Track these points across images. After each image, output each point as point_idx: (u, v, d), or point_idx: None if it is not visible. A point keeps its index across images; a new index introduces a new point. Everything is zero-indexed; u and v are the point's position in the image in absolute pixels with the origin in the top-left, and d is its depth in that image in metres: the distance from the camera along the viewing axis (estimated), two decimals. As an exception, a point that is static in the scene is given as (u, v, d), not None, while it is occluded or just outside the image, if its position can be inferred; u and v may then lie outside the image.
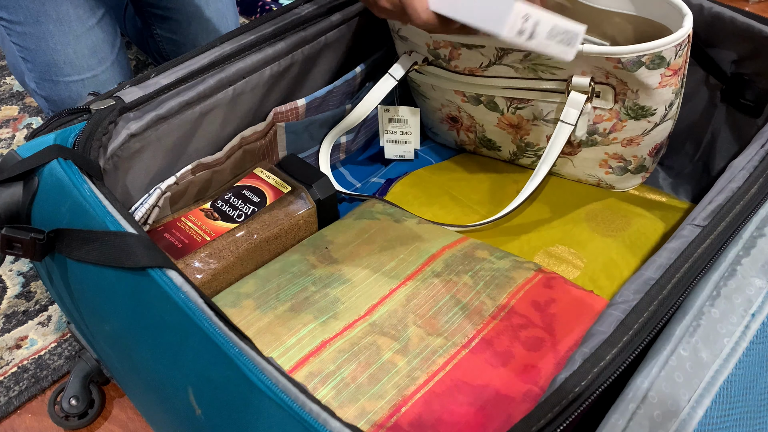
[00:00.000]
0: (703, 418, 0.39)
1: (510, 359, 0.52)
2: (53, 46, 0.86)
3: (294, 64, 0.69)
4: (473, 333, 0.54)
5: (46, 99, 0.91)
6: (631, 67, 0.61)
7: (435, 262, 0.61)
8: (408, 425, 0.47)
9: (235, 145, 0.67)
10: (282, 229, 0.64)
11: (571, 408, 0.39)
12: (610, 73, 0.63)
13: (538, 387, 0.50)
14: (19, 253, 0.48)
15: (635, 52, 0.60)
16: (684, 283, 0.46)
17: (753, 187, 0.53)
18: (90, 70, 0.88)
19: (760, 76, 0.71)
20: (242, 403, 0.40)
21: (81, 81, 0.88)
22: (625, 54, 0.60)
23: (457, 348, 0.53)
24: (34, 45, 0.86)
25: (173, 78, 0.60)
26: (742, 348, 0.43)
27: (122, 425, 0.67)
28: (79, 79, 0.88)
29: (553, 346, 0.53)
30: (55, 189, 0.50)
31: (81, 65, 0.87)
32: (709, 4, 0.71)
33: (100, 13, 0.89)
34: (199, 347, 0.41)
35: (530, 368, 0.51)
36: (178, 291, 0.42)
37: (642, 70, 0.61)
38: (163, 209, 0.63)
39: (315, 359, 0.52)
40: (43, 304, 0.77)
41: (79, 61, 0.87)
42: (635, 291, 0.46)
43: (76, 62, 0.87)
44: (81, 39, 0.87)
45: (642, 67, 0.61)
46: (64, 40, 0.86)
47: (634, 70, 0.61)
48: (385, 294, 0.58)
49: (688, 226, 0.51)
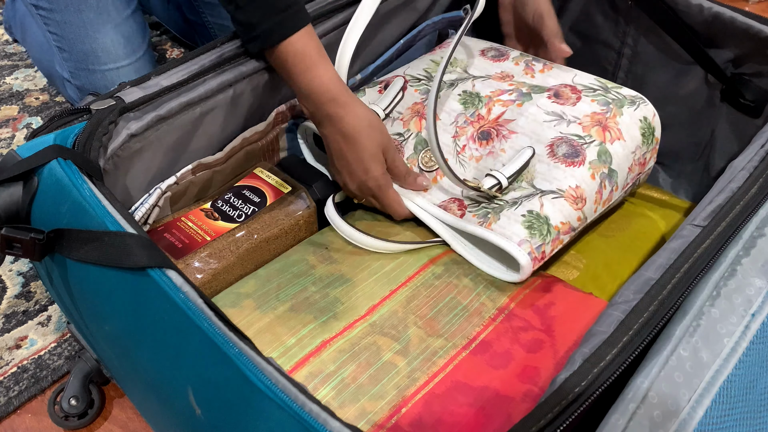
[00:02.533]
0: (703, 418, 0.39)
1: (510, 360, 0.52)
2: (93, 35, 0.88)
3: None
4: (473, 335, 0.54)
5: (80, 88, 0.93)
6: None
7: (435, 265, 0.61)
8: (408, 426, 0.47)
9: (237, 146, 0.67)
10: (282, 229, 0.64)
11: (571, 408, 0.39)
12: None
13: (538, 387, 0.50)
14: (18, 253, 0.48)
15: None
16: (684, 283, 0.46)
17: (753, 187, 0.53)
18: (125, 58, 0.91)
19: (760, 76, 0.71)
20: (242, 404, 0.40)
21: (116, 70, 0.91)
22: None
23: (457, 349, 0.53)
24: (73, 34, 0.88)
25: (174, 79, 0.60)
26: (742, 348, 0.43)
27: (122, 425, 0.67)
28: (115, 67, 0.91)
29: (552, 348, 0.53)
30: (55, 189, 0.50)
31: (117, 54, 0.90)
32: (709, 4, 0.71)
33: (134, 4, 0.92)
34: (198, 347, 0.41)
35: (530, 369, 0.51)
36: (178, 291, 0.42)
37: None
38: (163, 209, 0.63)
39: (315, 359, 0.52)
40: (43, 304, 0.77)
41: (116, 50, 0.90)
42: (635, 291, 0.46)
43: (113, 51, 0.90)
44: (118, 28, 0.89)
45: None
46: (103, 29, 0.88)
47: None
48: (385, 295, 0.58)
49: (688, 226, 0.51)
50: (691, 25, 0.73)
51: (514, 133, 0.66)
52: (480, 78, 0.72)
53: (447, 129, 0.69)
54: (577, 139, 0.64)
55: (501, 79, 0.72)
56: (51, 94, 1.08)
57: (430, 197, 0.66)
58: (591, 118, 0.65)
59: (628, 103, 0.67)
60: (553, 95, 0.68)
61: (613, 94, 0.68)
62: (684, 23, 0.73)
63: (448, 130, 0.69)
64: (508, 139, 0.66)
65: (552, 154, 0.63)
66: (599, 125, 0.65)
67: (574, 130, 0.65)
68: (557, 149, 0.63)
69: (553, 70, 0.72)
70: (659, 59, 0.78)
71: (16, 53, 1.17)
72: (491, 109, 0.69)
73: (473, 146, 0.67)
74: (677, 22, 0.73)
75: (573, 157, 0.62)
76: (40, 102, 1.07)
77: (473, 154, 0.67)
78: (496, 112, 0.68)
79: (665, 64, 0.77)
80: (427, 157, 0.68)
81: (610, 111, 0.66)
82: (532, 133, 0.65)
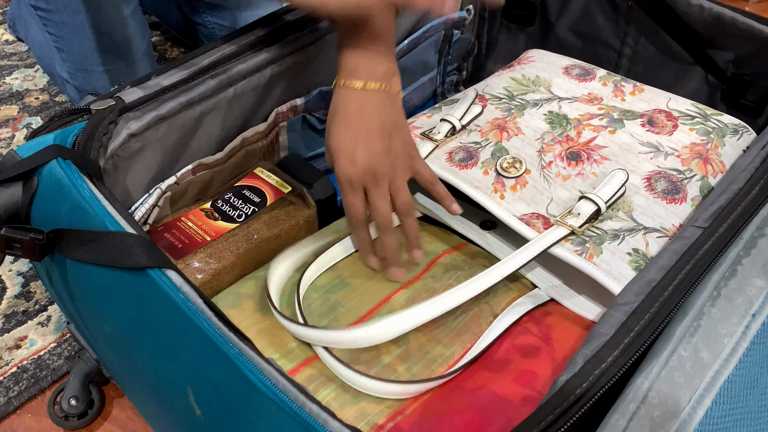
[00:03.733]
0: (703, 419, 0.39)
1: (507, 365, 0.52)
2: (91, 35, 0.88)
3: (295, 64, 0.69)
4: (472, 341, 0.54)
5: (78, 89, 0.93)
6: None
7: (435, 267, 0.61)
8: (409, 427, 0.47)
9: (237, 145, 0.66)
10: (282, 230, 0.64)
11: (572, 410, 0.39)
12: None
13: (536, 392, 0.50)
14: (18, 254, 0.48)
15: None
16: (686, 284, 0.46)
17: (754, 188, 0.53)
18: (124, 59, 0.91)
19: (761, 77, 0.71)
20: (242, 404, 0.40)
21: (115, 70, 0.91)
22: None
23: (455, 358, 0.53)
24: (71, 34, 0.88)
25: (174, 79, 0.60)
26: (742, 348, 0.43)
27: (122, 425, 0.67)
28: (114, 68, 0.90)
29: (550, 355, 0.53)
30: (55, 189, 0.50)
31: (116, 54, 0.90)
32: (709, 5, 0.71)
33: (134, 4, 0.92)
34: (198, 347, 0.41)
35: (528, 374, 0.51)
36: (178, 291, 0.42)
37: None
38: (163, 209, 0.63)
39: (317, 362, 0.52)
40: (42, 304, 0.77)
41: (115, 51, 0.90)
42: (637, 293, 0.46)
43: (112, 51, 0.89)
44: (117, 28, 0.89)
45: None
46: (101, 29, 0.88)
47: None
48: (385, 297, 0.58)
49: (690, 227, 0.51)
50: (692, 26, 0.73)
51: (606, 159, 0.62)
52: (566, 99, 0.69)
53: (532, 143, 0.65)
54: (676, 174, 0.60)
55: (589, 102, 0.69)
56: (51, 94, 1.08)
57: (508, 206, 0.60)
58: (690, 150, 0.62)
59: (730, 133, 0.64)
60: (646, 122, 0.65)
61: (713, 122, 0.65)
62: (684, 23, 0.73)
63: (533, 144, 0.64)
64: (600, 164, 0.61)
65: (650, 188, 0.59)
66: (700, 158, 0.61)
67: (672, 163, 0.61)
68: (655, 184, 0.59)
69: (645, 93, 0.69)
70: (660, 59, 0.78)
71: (16, 53, 1.17)
72: (581, 132, 0.65)
73: (561, 164, 0.62)
74: (678, 22, 0.73)
75: (673, 194, 0.58)
76: (40, 102, 1.07)
77: (560, 172, 0.62)
78: (587, 136, 0.64)
79: (666, 65, 0.77)
80: (507, 163, 0.63)
81: (711, 142, 0.62)
82: (626, 163, 0.61)
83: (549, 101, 0.69)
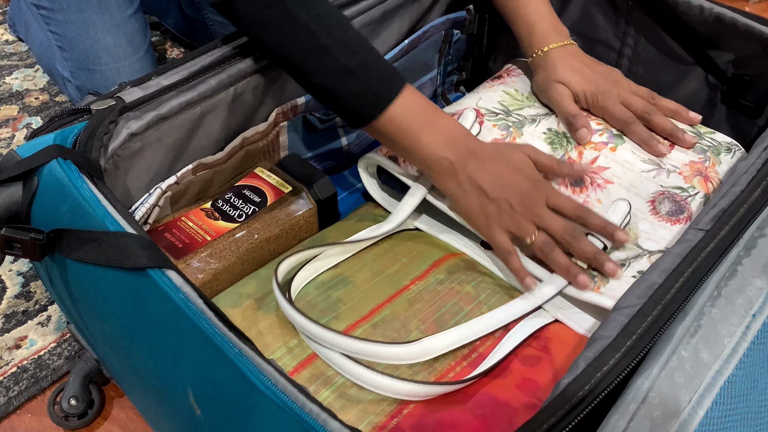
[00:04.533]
0: (703, 419, 0.39)
1: (508, 372, 0.52)
2: (94, 35, 0.88)
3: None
4: (473, 346, 0.54)
5: (80, 88, 0.93)
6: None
7: (438, 269, 0.61)
8: (409, 428, 0.47)
9: (237, 145, 0.66)
10: (283, 229, 0.64)
11: (574, 412, 0.39)
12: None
13: (537, 399, 0.50)
14: (18, 254, 0.48)
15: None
16: (687, 287, 0.46)
17: (756, 190, 0.53)
18: (126, 58, 0.91)
19: (761, 77, 0.70)
20: (242, 404, 0.40)
21: (117, 69, 0.91)
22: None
23: (456, 359, 0.53)
24: (74, 33, 0.88)
25: (174, 78, 0.60)
26: (742, 349, 0.43)
27: (122, 425, 0.67)
28: (115, 67, 0.90)
29: (550, 365, 0.53)
30: (55, 189, 0.50)
31: (118, 54, 0.90)
32: (709, 5, 0.71)
33: (136, 4, 0.92)
34: (198, 348, 0.41)
35: (528, 382, 0.51)
36: (178, 291, 0.42)
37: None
38: (163, 209, 0.63)
39: (317, 361, 0.52)
40: (42, 304, 0.77)
41: (117, 50, 0.90)
42: (639, 296, 0.46)
43: (114, 51, 0.90)
44: (120, 28, 0.89)
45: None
46: (104, 28, 0.88)
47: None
48: (388, 296, 0.58)
49: (692, 230, 0.51)
50: (692, 26, 0.73)
51: (610, 183, 0.63)
52: None
53: None
54: (679, 192, 0.61)
55: (586, 116, 0.69)
56: (51, 94, 1.08)
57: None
58: (690, 167, 0.63)
59: (724, 151, 0.65)
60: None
61: (707, 140, 0.66)
62: (685, 24, 0.73)
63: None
64: (604, 189, 0.62)
65: (655, 211, 0.60)
66: (700, 175, 0.62)
67: (675, 181, 0.62)
68: (660, 206, 0.60)
69: None
70: (660, 60, 0.78)
71: (16, 53, 1.17)
72: (582, 152, 0.66)
73: (566, 192, 0.63)
74: (678, 22, 0.73)
75: (678, 215, 0.59)
76: (40, 102, 1.07)
77: None
78: (588, 156, 0.65)
79: (666, 65, 0.77)
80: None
81: (708, 160, 0.63)
82: (630, 186, 0.62)
83: (546, 116, 0.70)
